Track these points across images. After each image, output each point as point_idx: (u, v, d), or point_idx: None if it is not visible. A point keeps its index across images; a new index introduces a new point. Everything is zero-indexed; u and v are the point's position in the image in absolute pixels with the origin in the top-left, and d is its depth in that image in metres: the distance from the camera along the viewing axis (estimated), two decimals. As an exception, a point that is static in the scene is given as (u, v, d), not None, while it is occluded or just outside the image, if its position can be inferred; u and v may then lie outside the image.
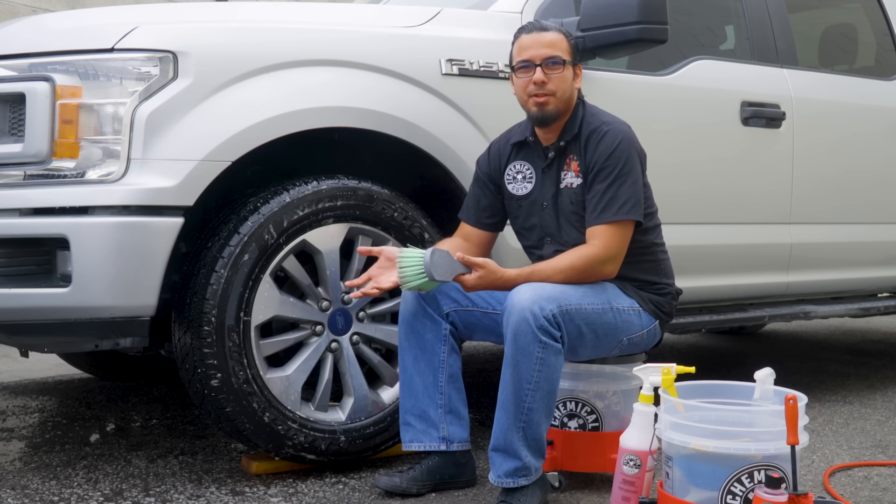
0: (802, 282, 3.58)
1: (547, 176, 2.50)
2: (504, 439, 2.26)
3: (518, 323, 2.20)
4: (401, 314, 2.48)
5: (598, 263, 2.35)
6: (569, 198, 2.45)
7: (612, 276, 2.40)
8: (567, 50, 2.43)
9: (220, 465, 2.73)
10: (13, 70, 2.36)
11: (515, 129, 2.59)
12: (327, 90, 2.53)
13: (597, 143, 2.40)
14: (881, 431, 3.22)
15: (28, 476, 2.61)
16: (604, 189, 2.37)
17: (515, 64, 2.45)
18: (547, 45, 2.41)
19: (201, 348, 2.39)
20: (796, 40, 3.62)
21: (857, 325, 6.09)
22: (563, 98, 2.42)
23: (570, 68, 2.44)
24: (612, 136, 2.39)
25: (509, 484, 2.26)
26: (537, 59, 2.40)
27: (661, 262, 2.54)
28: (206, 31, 2.45)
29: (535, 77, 2.40)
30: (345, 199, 2.55)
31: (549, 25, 2.46)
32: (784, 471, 2.02)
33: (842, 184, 3.65)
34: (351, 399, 2.63)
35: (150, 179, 2.29)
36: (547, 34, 2.43)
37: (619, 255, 2.38)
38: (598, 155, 2.39)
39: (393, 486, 2.43)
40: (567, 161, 2.47)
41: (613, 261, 2.38)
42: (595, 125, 2.43)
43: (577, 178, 2.44)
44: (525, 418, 2.24)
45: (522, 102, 2.47)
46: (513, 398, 2.23)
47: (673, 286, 2.57)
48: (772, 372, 2.25)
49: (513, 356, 2.22)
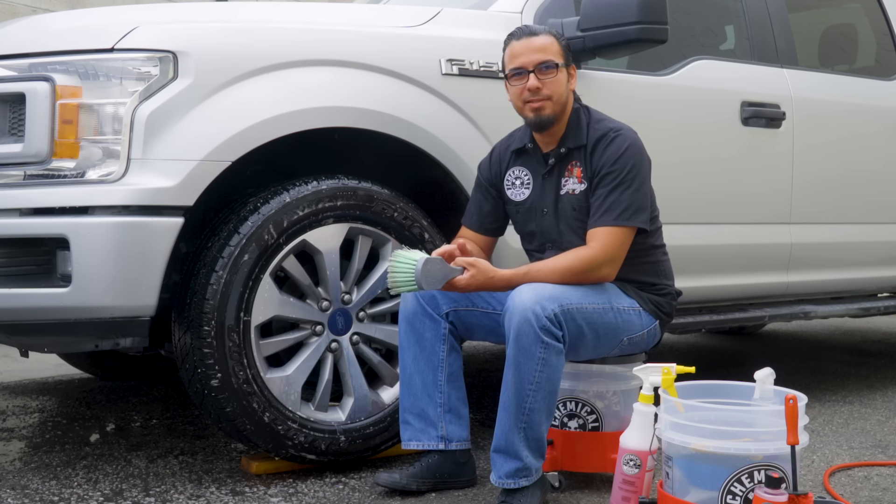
0: (802, 282, 3.58)
1: (547, 182, 2.50)
2: (505, 440, 2.26)
3: (520, 323, 2.20)
4: (400, 313, 2.49)
5: (595, 265, 2.34)
6: (570, 204, 2.45)
7: (610, 280, 2.40)
8: (559, 52, 2.43)
9: (220, 465, 2.73)
10: (13, 70, 2.36)
11: (516, 133, 2.60)
12: (327, 90, 2.53)
13: (604, 149, 2.40)
14: (881, 431, 3.22)
15: (28, 476, 2.61)
16: (607, 192, 2.36)
17: (508, 72, 2.45)
18: (538, 50, 2.40)
19: (201, 348, 2.39)
20: (796, 40, 3.62)
21: (857, 325, 6.09)
22: (559, 101, 2.42)
23: (564, 70, 2.43)
24: (620, 142, 2.39)
25: (510, 485, 2.26)
26: (529, 65, 2.40)
27: (662, 264, 2.54)
28: (206, 31, 2.45)
29: (530, 84, 2.40)
30: (345, 199, 2.55)
31: (538, 29, 2.46)
32: (784, 471, 2.02)
33: (842, 184, 3.65)
34: (351, 399, 2.63)
35: (150, 179, 2.29)
36: (537, 39, 2.42)
37: (617, 259, 2.38)
38: (605, 159, 2.39)
39: (393, 482, 2.43)
40: (569, 167, 2.46)
41: (611, 264, 2.37)
42: (603, 131, 2.42)
43: (580, 184, 2.43)
44: (526, 419, 2.24)
45: (518, 109, 2.47)
46: (514, 399, 2.24)
47: (673, 287, 2.57)
48: (772, 372, 2.25)
49: (515, 357, 2.22)
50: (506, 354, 2.26)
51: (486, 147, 2.73)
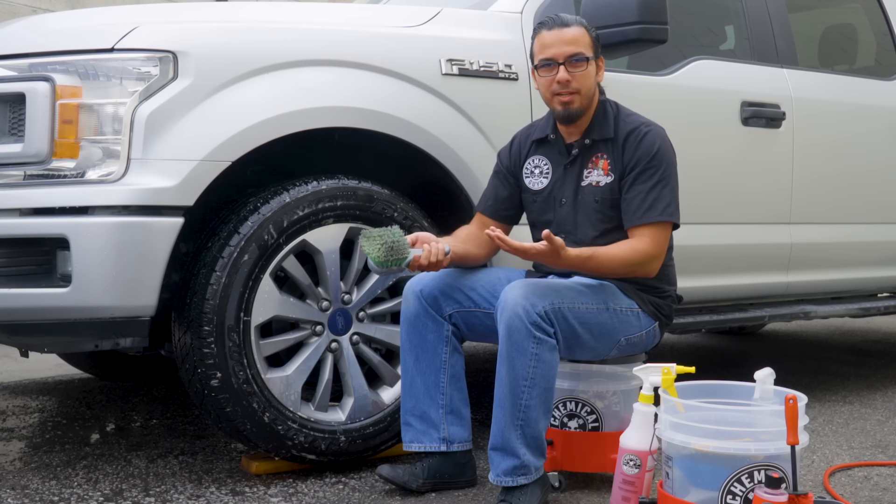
0: (802, 282, 3.58)
1: (569, 172, 2.49)
2: (502, 437, 2.26)
3: (510, 319, 2.20)
4: (402, 315, 2.48)
5: (647, 259, 2.36)
6: (592, 195, 2.44)
7: (652, 276, 2.41)
8: (589, 45, 2.42)
9: (220, 465, 2.73)
10: (13, 70, 2.36)
11: (538, 123, 2.59)
12: (327, 90, 2.53)
13: (637, 143, 2.40)
14: (881, 431, 3.22)
15: (28, 476, 2.61)
16: (648, 189, 2.37)
17: (538, 62, 2.43)
18: (569, 42, 2.39)
19: (201, 348, 2.39)
20: (796, 40, 3.62)
21: (857, 325, 6.09)
22: (587, 95, 2.42)
23: (594, 63, 2.42)
24: (652, 138, 2.40)
25: (508, 483, 2.26)
26: (560, 57, 2.38)
27: (666, 269, 2.51)
28: (206, 32, 2.45)
29: (560, 76, 2.38)
30: (345, 199, 2.55)
31: (570, 19, 2.43)
32: (784, 471, 2.02)
33: (842, 184, 3.65)
34: (351, 399, 2.63)
35: (150, 179, 2.29)
36: (569, 30, 2.40)
37: (662, 255, 2.40)
38: (639, 154, 2.39)
39: (394, 476, 2.43)
40: (594, 159, 2.46)
41: (658, 259, 2.39)
42: (634, 125, 2.43)
43: (605, 176, 2.43)
44: (522, 416, 2.23)
45: (546, 100, 2.46)
46: (509, 395, 2.23)
47: (674, 291, 2.56)
48: (772, 372, 2.25)
49: (507, 352, 2.22)
50: (498, 350, 2.25)
51: (486, 147, 2.73)
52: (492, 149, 2.73)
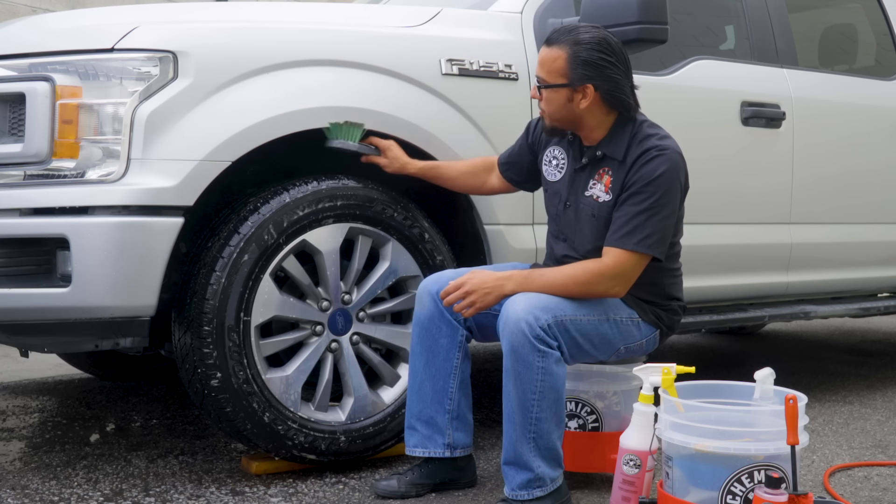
0: (802, 282, 3.58)
1: (578, 177, 2.43)
2: (514, 452, 2.22)
3: (513, 334, 2.17)
4: (415, 316, 2.44)
5: (601, 279, 2.26)
6: (591, 209, 2.38)
7: (619, 297, 2.33)
8: (562, 71, 2.30)
9: (220, 465, 2.73)
10: (13, 70, 2.36)
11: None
12: (327, 90, 2.54)
13: (641, 165, 2.29)
14: (881, 431, 3.22)
15: (28, 476, 2.61)
16: (635, 213, 2.26)
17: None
18: (541, 63, 2.34)
19: (201, 348, 2.39)
20: (796, 40, 3.62)
21: (857, 325, 6.09)
22: (555, 118, 2.36)
23: (564, 91, 2.31)
24: (658, 163, 2.27)
25: (524, 496, 2.22)
26: (537, 76, 2.38)
27: (672, 286, 2.46)
28: (206, 31, 2.45)
29: (532, 93, 2.42)
30: (345, 200, 2.55)
31: (556, 38, 2.33)
32: (784, 471, 2.02)
33: (842, 184, 3.65)
34: (351, 399, 2.63)
35: (150, 179, 2.29)
36: (549, 51, 2.33)
37: (628, 280, 2.30)
38: (639, 175, 2.28)
39: (391, 492, 2.41)
40: (600, 172, 2.37)
41: (620, 283, 2.29)
42: (646, 147, 2.30)
43: (605, 193, 2.35)
44: (534, 429, 2.21)
45: None
46: (519, 410, 2.20)
47: (678, 304, 2.50)
48: (772, 372, 2.25)
49: (513, 367, 2.19)
50: (503, 365, 2.23)
51: (486, 147, 2.73)
52: (491, 149, 2.73)
